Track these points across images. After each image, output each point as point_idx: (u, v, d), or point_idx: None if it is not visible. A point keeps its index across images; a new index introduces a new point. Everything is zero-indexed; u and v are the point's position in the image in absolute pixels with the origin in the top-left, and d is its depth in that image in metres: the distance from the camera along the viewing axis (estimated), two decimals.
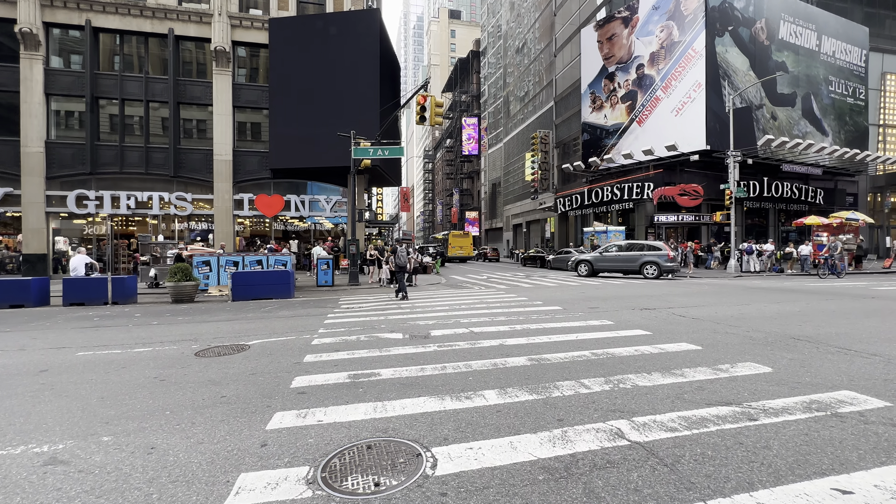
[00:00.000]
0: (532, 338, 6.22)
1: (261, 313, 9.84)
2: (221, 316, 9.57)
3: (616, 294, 11.95)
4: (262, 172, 23.10)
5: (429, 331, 6.91)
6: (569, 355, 5.20)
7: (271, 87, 22.34)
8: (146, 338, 7.04)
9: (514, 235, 55.84)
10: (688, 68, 26.88)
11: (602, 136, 32.27)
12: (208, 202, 22.87)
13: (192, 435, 3.18)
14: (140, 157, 21.87)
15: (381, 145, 16.66)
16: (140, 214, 22.08)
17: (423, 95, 12.21)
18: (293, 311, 9.96)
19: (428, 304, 10.53)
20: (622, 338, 6.12)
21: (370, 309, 10.04)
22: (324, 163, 22.00)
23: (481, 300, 11.09)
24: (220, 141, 22.48)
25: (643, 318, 7.68)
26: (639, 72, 29.58)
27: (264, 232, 24.86)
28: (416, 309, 9.70)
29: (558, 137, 42.40)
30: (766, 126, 28.71)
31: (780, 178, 29.84)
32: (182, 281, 12.71)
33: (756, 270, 22.02)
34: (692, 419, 3.24)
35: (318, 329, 7.40)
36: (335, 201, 24.11)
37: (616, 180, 31.27)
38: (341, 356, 5.44)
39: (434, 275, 23.24)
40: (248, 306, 11.40)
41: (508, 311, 8.90)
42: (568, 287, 14.42)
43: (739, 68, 27.73)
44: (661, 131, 27.61)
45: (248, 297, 13.15)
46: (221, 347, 6.16)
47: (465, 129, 68.10)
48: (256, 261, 16.51)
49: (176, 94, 22.12)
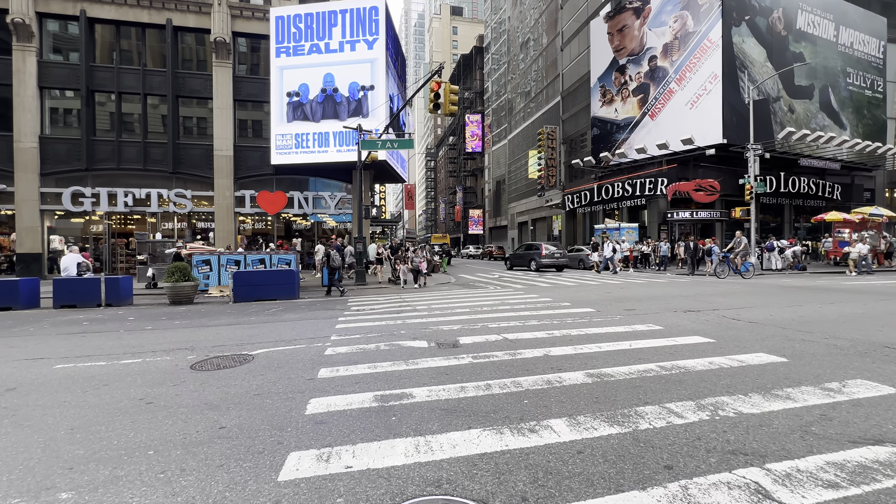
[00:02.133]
0: (579, 347, 5.40)
1: (265, 316, 9.04)
2: (222, 319, 8.77)
3: (646, 294, 11.12)
4: (264, 168, 22.31)
5: (456, 338, 6.09)
6: (633, 369, 4.38)
7: (273, 80, 21.52)
8: (137, 346, 6.24)
9: (520, 234, 54.99)
10: (703, 59, 25.98)
11: (612, 130, 31.39)
12: (208, 199, 22.09)
13: (180, 490, 2.38)
14: (138, 152, 21.09)
15: (389, 137, 15.84)
16: (138, 212, 21.31)
17: (436, 82, 11.40)
18: (300, 314, 9.16)
19: (446, 306, 9.72)
20: (684, 347, 5.30)
21: (384, 311, 9.24)
22: (328, 158, 21.21)
23: (502, 301, 10.27)
24: (220, 136, 21.70)
25: (694, 323, 6.86)
26: (651, 64, 28.68)
27: (267, 230, 24.08)
28: (434, 311, 8.88)
29: (565, 133, 41.52)
30: (784, 119, 27.80)
31: (797, 174, 28.93)
32: (180, 281, 11.93)
33: (778, 268, 21.14)
34: (848, 467, 2.42)
35: (329, 335, 6.59)
36: (339, 198, 23.32)
37: (627, 176, 30.40)
38: (362, 370, 4.63)
39: (442, 273, 22.43)
40: (251, 308, 10.61)
41: (538, 314, 8.08)
42: (589, 286, 13.59)
43: (756, 59, 26.82)
44: (676, 125, 26.72)
45: (251, 298, 12.36)
46: (221, 358, 5.36)
47: (469, 126, 67.20)
48: (259, 260, 15.73)
49: (175, 88, 21.33)
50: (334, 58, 21.31)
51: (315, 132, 21.45)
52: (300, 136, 21.46)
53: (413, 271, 13.95)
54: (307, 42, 21.35)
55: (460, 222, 71.46)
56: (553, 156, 42.43)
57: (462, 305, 9.73)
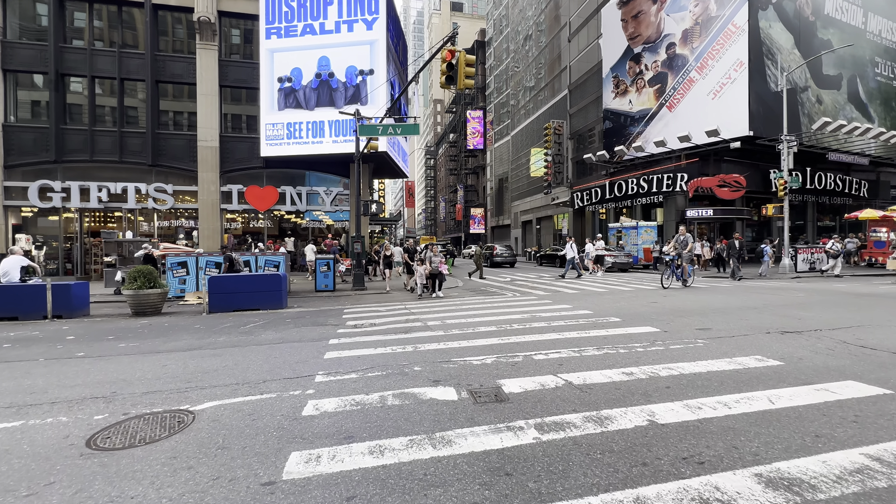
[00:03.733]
0: (690, 402, 3.54)
1: (238, 335, 7.17)
2: (182, 340, 6.89)
3: (699, 304, 9.28)
4: (253, 161, 20.41)
5: (496, 381, 4.23)
6: (827, 462, 2.53)
7: (263, 64, 19.62)
8: (40, 389, 4.37)
9: (524, 233, 53.18)
10: (727, 46, 24.16)
11: (627, 123, 29.56)
12: (192, 194, 20.18)
13: None
14: (113, 143, 19.16)
15: (390, 122, 13.94)
16: (113, 208, 19.39)
17: (449, 50, 9.55)
18: (282, 332, 7.29)
19: (463, 320, 7.87)
20: (854, 403, 3.45)
21: (387, 328, 7.38)
22: (324, 149, 19.33)
23: (532, 314, 8.41)
24: (204, 125, 19.78)
25: (815, 353, 5.02)
26: (669, 52, 26.86)
27: (258, 229, 22.18)
28: (451, 329, 7.02)
29: (573, 128, 39.70)
30: (812, 110, 26.03)
31: (822, 169, 27.18)
32: (144, 288, 10.04)
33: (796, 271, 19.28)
34: None
35: (314, 372, 4.73)
36: (336, 194, 21.43)
37: (642, 172, 28.59)
38: (358, 460, 2.76)
39: (448, 276, 20.53)
40: (226, 321, 8.73)
41: (589, 337, 6.22)
42: (622, 292, 11.75)
43: (784, 46, 25.02)
44: (696, 116, 24.90)
45: (229, 307, 10.48)
46: (144, 420, 3.49)
47: (470, 123, 65.29)
48: (244, 261, 13.84)
49: (154, 72, 19.40)
50: (330, 39, 19.42)
51: (309, 121, 19.56)
52: (293, 126, 19.57)
53: (431, 276, 11.97)
54: (300, 22, 19.45)
55: (461, 221, 69.58)
56: (560, 151, 40.62)
57: (484, 320, 7.87)
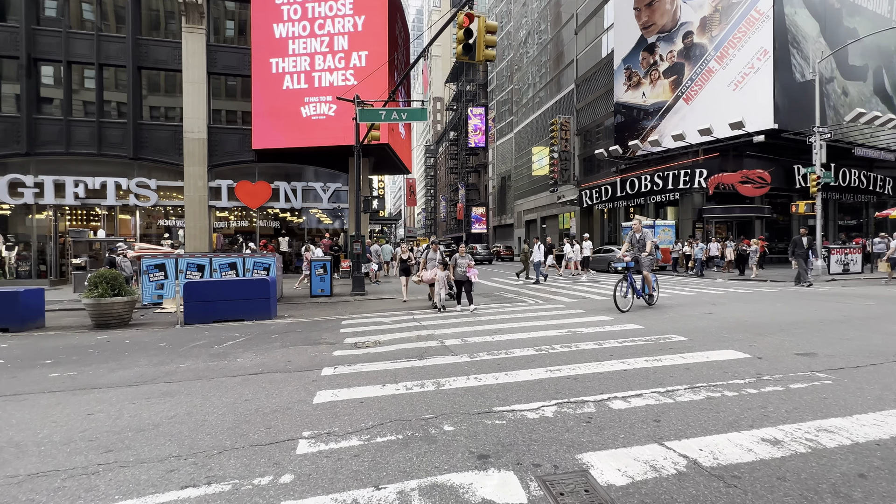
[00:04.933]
0: None
1: (206, 360, 5.68)
2: (132, 368, 5.39)
3: (770, 318, 7.82)
4: (244, 154, 18.90)
5: (575, 455, 2.74)
6: None
7: (255, 49, 18.13)
8: None
9: (527, 232, 51.70)
10: (750, 34, 22.73)
11: (640, 117, 28.11)
12: (178, 190, 18.66)
13: None
14: (91, 134, 17.63)
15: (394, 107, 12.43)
16: (91, 205, 17.86)
17: (467, 14, 8.08)
18: (263, 356, 5.80)
19: (489, 338, 6.39)
20: None
21: (395, 349, 5.90)
22: (320, 141, 17.85)
23: (571, 330, 6.93)
24: (191, 115, 18.27)
25: None
26: (686, 41, 25.42)
27: (251, 228, 20.63)
28: (478, 355, 5.54)
29: (580, 124, 38.27)
30: (837, 102, 24.66)
31: (846, 165, 25.77)
32: (106, 295, 8.53)
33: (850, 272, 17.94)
34: None
35: (297, 431, 3.25)
36: (333, 190, 19.93)
37: (655, 168, 27.14)
38: None
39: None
40: (199, 338, 7.23)
41: (664, 367, 4.74)
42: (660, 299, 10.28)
43: (809, 34, 23.62)
44: (716, 109, 23.47)
45: (208, 317, 9.00)
46: None
47: (472, 120, 63.71)
48: (229, 264, 12.35)
49: (136, 57, 17.87)
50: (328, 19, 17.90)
51: (305, 112, 18.07)
52: (287, 114, 18.06)
53: (458, 283, 9.38)
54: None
55: (462, 221, 68.04)
56: (567, 148, 39.16)
57: (515, 339, 6.39)
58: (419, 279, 10.16)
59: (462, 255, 9.03)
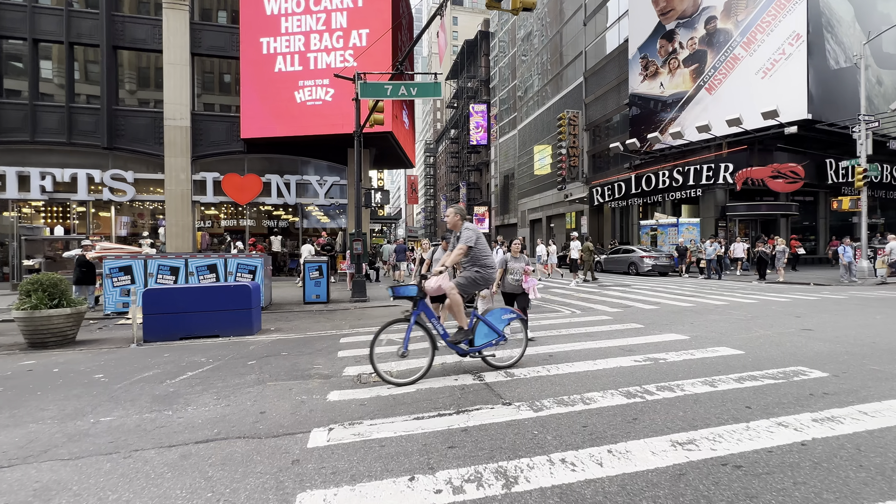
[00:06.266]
0: None
1: (144, 409, 3.90)
2: (31, 422, 3.59)
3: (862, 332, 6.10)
4: (231, 144, 17.11)
5: None
6: None
7: (243, 27, 16.35)
8: None
9: (532, 231, 50.00)
10: (780, 17, 21.06)
11: (657, 109, 26.42)
12: (157, 184, 16.85)
13: None
14: (60, 120, 15.81)
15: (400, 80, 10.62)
16: (59, 200, 16.03)
17: None
18: (226, 402, 4.02)
19: (545, 370, 4.65)
20: None
21: (416, 389, 4.14)
22: (316, 129, 16.08)
23: (649, 357, 5.18)
24: (173, 101, 16.47)
25: None
26: (709, 26, 23.75)
27: (240, 227, 18.79)
28: (537, 397, 3.80)
29: (589, 118, 36.59)
30: (872, 92, 23.02)
31: (879, 160, 24.11)
32: (42, 307, 6.75)
33: None
34: None
35: None
36: (331, 184, 18.14)
37: (674, 163, 25.47)
38: None
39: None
40: (152, 365, 5.45)
41: (848, 437, 3.00)
42: (715, 308, 8.55)
43: (844, 17, 22.01)
44: (743, 99, 21.80)
45: (174, 333, 7.23)
46: None
47: (473, 117, 61.93)
48: (208, 266, 10.56)
49: (111, 36, 16.06)
50: None
51: (299, 97, 16.31)
52: (280, 100, 16.29)
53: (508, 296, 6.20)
54: None
55: None
56: (575, 143, 37.49)
57: (579, 371, 4.65)
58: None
59: (516, 255, 6.16)
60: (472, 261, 4.74)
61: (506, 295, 6.27)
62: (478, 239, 4.71)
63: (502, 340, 4.77)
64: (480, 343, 4.64)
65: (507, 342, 4.84)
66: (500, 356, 5.02)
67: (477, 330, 4.64)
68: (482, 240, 4.76)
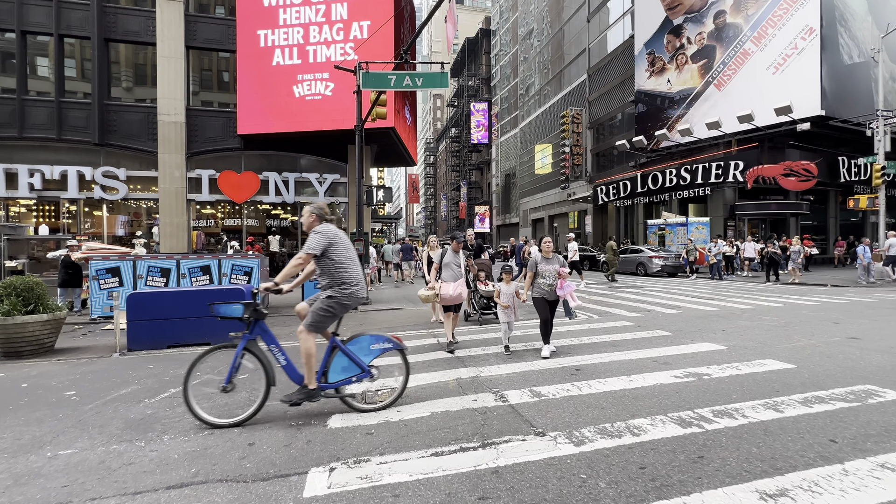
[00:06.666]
0: None
1: (112, 438, 3.32)
2: None
3: None
4: (227, 140, 16.53)
5: None
6: None
7: (240, 19, 15.78)
8: None
9: (534, 231, 49.44)
10: (792, 11, 20.50)
11: (664, 105, 25.85)
12: (151, 181, 16.28)
13: None
14: (49, 115, 15.23)
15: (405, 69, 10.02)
16: (49, 199, 15.46)
17: None
18: (207, 427, 3.46)
19: (571, 385, 4.09)
20: None
21: (430, 413, 3.57)
22: (316, 125, 15.51)
23: (691, 372, 4.61)
24: (167, 95, 15.88)
25: None
26: (718, 21, 23.18)
27: (237, 227, 18.21)
28: (576, 428, 3.25)
29: (592, 116, 36.04)
30: (886, 89, 22.42)
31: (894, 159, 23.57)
32: (14, 313, 6.17)
33: None
34: None
35: None
36: (331, 182, 17.56)
37: (681, 161, 24.93)
38: None
39: None
40: (132, 379, 4.87)
41: None
42: (742, 312, 8.00)
43: (857, 11, 21.46)
44: (753, 95, 21.24)
45: (161, 341, 6.68)
46: None
47: (474, 116, 61.43)
48: (201, 268, 10.01)
49: (102, 28, 15.47)
50: None
51: (298, 92, 15.73)
52: (278, 95, 15.71)
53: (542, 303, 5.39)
54: None
55: (464, 220, 65.72)
56: (578, 142, 36.91)
57: (614, 391, 4.09)
58: (433, 293, 6.24)
59: (548, 255, 5.27)
60: (327, 278, 3.65)
61: (538, 303, 5.32)
62: (329, 246, 3.60)
63: (366, 377, 3.69)
64: (336, 379, 3.63)
65: (373, 379, 3.76)
66: (368, 391, 4.09)
67: (333, 362, 3.65)
68: (339, 247, 3.67)
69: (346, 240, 3.79)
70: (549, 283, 5.19)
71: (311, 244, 3.56)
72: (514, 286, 5.73)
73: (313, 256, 3.57)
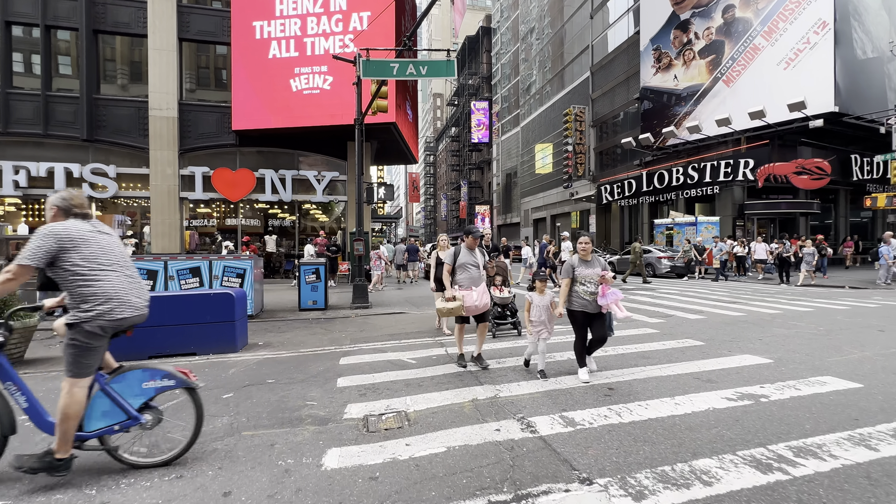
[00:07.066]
0: None
1: (64, 476, 2.71)
2: None
3: None
4: (222, 136, 15.90)
5: None
6: None
7: (235, 10, 15.16)
8: None
9: (535, 231, 48.86)
10: (805, 4, 19.92)
11: (671, 102, 25.27)
12: (142, 179, 15.64)
13: None
14: (35, 110, 14.59)
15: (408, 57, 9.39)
16: (35, 196, 14.82)
17: None
18: (177, 469, 2.83)
19: (607, 409, 3.49)
20: None
21: (445, 448, 2.97)
22: (314, 120, 14.90)
23: (744, 393, 4.02)
24: (159, 89, 15.26)
25: None
26: (727, 15, 22.61)
27: (232, 226, 17.57)
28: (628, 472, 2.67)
29: (595, 114, 35.48)
30: None
31: None
32: None
33: None
34: None
35: None
36: (329, 180, 16.94)
37: (688, 159, 24.36)
38: None
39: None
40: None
41: None
42: (771, 318, 7.40)
43: (871, 5, 20.91)
44: (763, 91, 20.68)
45: (141, 351, 6.05)
46: None
47: (475, 115, 60.80)
48: (190, 269, 9.39)
49: (91, 19, 14.83)
50: None
51: (295, 86, 15.12)
52: (274, 89, 15.11)
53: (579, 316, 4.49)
54: None
55: (465, 220, 65.12)
56: (581, 140, 36.32)
57: (661, 417, 3.52)
58: (458, 304, 4.89)
59: (586, 258, 4.45)
60: (69, 296, 2.69)
61: (574, 317, 4.44)
62: (62, 252, 2.58)
63: (134, 424, 2.81)
64: (96, 427, 2.76)
65: (147, 427, 2.85)
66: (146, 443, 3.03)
67: (94, 403, 2.76)
68: (83, 251, 2.63)
69: (101, 240, 2.72)
70: (590, 290, 4.35)
71: (28, 250, 2.51)
72: (549, 296, 4.78)
73: (34, 270, 2.53)
